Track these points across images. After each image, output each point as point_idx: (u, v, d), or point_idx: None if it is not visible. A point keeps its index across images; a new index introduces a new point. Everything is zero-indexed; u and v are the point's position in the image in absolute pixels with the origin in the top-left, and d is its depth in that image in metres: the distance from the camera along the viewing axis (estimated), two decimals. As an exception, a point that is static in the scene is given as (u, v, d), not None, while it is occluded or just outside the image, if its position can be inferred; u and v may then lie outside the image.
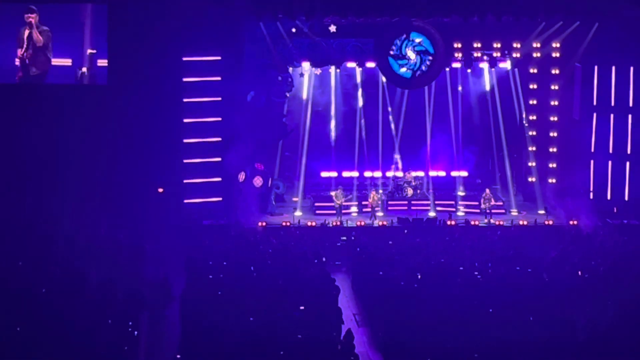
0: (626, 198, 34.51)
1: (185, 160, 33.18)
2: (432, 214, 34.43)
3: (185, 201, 33.07)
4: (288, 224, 32.72)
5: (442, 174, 36.40)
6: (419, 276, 25.42)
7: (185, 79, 32.83)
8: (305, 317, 22.01)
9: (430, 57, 33.56)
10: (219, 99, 33.17)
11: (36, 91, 32.01)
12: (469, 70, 35.62)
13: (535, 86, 35.42)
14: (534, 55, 34.70)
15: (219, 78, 33.06)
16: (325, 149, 35.83)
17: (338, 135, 35.79)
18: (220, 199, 33.49)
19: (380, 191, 34.78)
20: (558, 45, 34.57)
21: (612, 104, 34.41)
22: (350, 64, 34.84)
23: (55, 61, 31.98)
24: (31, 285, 23.07)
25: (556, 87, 35.03)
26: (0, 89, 32.13)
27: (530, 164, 35.70)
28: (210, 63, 32.99)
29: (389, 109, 35.97)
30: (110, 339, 20.18)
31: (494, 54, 34.58)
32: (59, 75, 32.06)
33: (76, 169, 31.64)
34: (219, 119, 33.26)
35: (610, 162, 34.62)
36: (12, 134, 31.92)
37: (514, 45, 34.47)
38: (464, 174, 36.28)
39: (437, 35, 33.37)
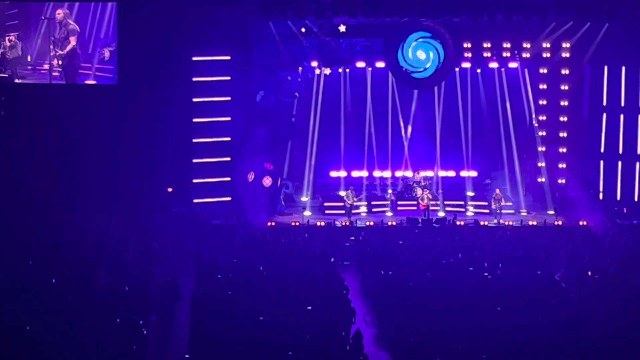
0: (636, 198, 34.45)
1: (194, 160, 33.24)
2: (441, 214, 34.39)
3: (195, 201, 33.11)
4: (297, 224, 32.71)
5: (452, 174, 36.36)
6: (429, 276, 25.41)
7: (194, 79, 32.91)
8: (315, 317, 22.01)
9: (440, 57, 33.50)
10: (229, 98, 33.21)
11: (45, 90, 32.09)
12: (478, 71, 35.59)
13: (545, 86, 35.33)
14: (544, 55, 34.62)
15: (228, 78, 33.11)
16: (334, 148, 35.85)
17: (347, 134, 35.80)
18: (229, 198, 33.52)
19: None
20: (568, 45, 34.49)
21: (622, 104, 34.35)
22: (360, 64, 34.82)
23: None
24: (41, 284, 23.12)
25: (566, 88, 34.95)
26: (7, 89, 32.25)
27: (539, 164, 35.63)
28: (219, 63, 33.03)
29: (399, 108, 35.92)
30: (119, 338, 20.20)
31: (504, 54, 34.53)
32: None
33: (85, 168, 31.75)
34: (229, 118, 33.30)
35: (620, 163, 34.55)
36: (21, 133, 32.02)
37: (524, 45, 34.41)
38: (474, 174, 36.23)
39: (447, 35, 33.31)
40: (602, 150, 34.65)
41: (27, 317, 20.56)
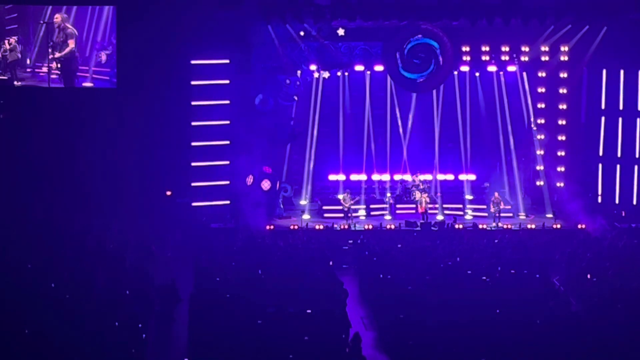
0: (634, 202, 34.45)
1: (193, 164, 33.22)
2: (440, 217, 34.40)
3: (193, 204, 33.10)
4: (296, 227, 32.71)
5: (450, 177, 36.36)
6: (428, 279, 25.41)
7: (193, 82, 32.90)
8: (313, 320, 22.02)
9: (439, 61, 33.51)
10: (227, 102, 33.22)
11: (44, 93, 32.11)
12: (477, 74, 35.61)
13: (543, 90, 35.34)
14: (543, 59, 34.63)
15: (227, 81, 33.11)
16: (333, 152, 35.86)
17: (345, 138, 35.83)
18: (228, 202, 33.51)
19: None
20: (566, 49, 34.50)
21: (621, 107, 34.36)
22: (359, 68, 34.83)
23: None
24: (40, 287, 23.11)
25: (564, 91, 34.95)
26: (7, 91, 32.28)
27: (538, 167, 35.64)
28: (218, 66, 33.04)
29: (397, 112, 35.93)
30: (117, 341, 20.20)
31: (502, 58, 34.55)
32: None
33: (84, 171, 31.74)
34: (227, 122, 33.31)
35: (618, 166, 34.56)
36: (21, 136, 32.03)
37: (523, 48, 34.44)
38: (472, 177, 36.23)
39: (446, 39, 33.34)
40: (601, 153, 34.65)
41: (26, 321, 20.55)
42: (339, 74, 35.47)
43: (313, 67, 34.61)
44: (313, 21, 32.83)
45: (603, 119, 34.59)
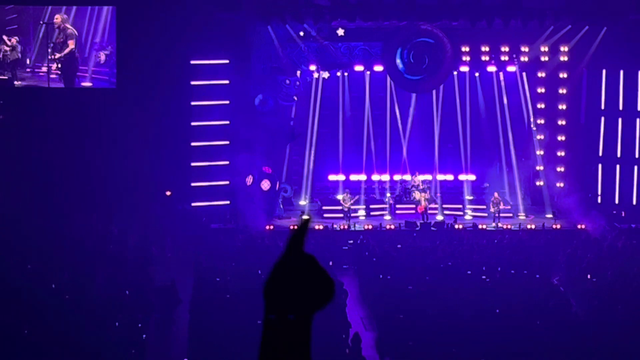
0: (634, 202, 34.44)
1: (192, 164, 33.20)
2: (439, 217, 34.38)
3: (193, 204, 33.07)
4: (296, 227, 32.58)
5: (450, 177, 36.34)
6: (428, 280, 25.43)
7: (193, 82, 32.89)
8: (313, 320, 22.00)
9: (438, 61, 33.50)
10: (227, 102, 33.21)
11: (43, 93, 32.12)
12: (476, 74, 35.60)
13: (543, 90, 35.33)
14: (542, 59, 34.63)
15: (227, 82, 33.09)
16: (333, 152, 35.85)
17: (345, 138, 35.82)
18: (227, 202, 33.49)
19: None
20: (566, 49, 34.50)
21: (620, 107, 34.36)
22: (358, 68, 34.83)
23: None
24: (40, 288, 23.12)
25: (564, 91, 34.94)
26: (7, 91, 32.29)
27: (538, 167, 35.62)
28: (218, 66, 33.02)
29: (397, 112, 35.92)
30: (117, 342, 20.21)
31: (502, 58, 34.54)
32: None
33: (84, 172, 31.73)
34: (227, 122, 33.30)
35: (618, 166, 34.55)
36: (20, 137, 32.04)
37: (522, 49, 34.43)
38: (472, 177, 36.21)
39: (445, 39, 33.34)
40: (600, 153, 34.64)
41: (26, 321, 20.56)
42: (338, 74, 35.43)
43: (313, 68, 34.59)
44: (313, 21, 32.83)
45: (603, 119, 34.57)
